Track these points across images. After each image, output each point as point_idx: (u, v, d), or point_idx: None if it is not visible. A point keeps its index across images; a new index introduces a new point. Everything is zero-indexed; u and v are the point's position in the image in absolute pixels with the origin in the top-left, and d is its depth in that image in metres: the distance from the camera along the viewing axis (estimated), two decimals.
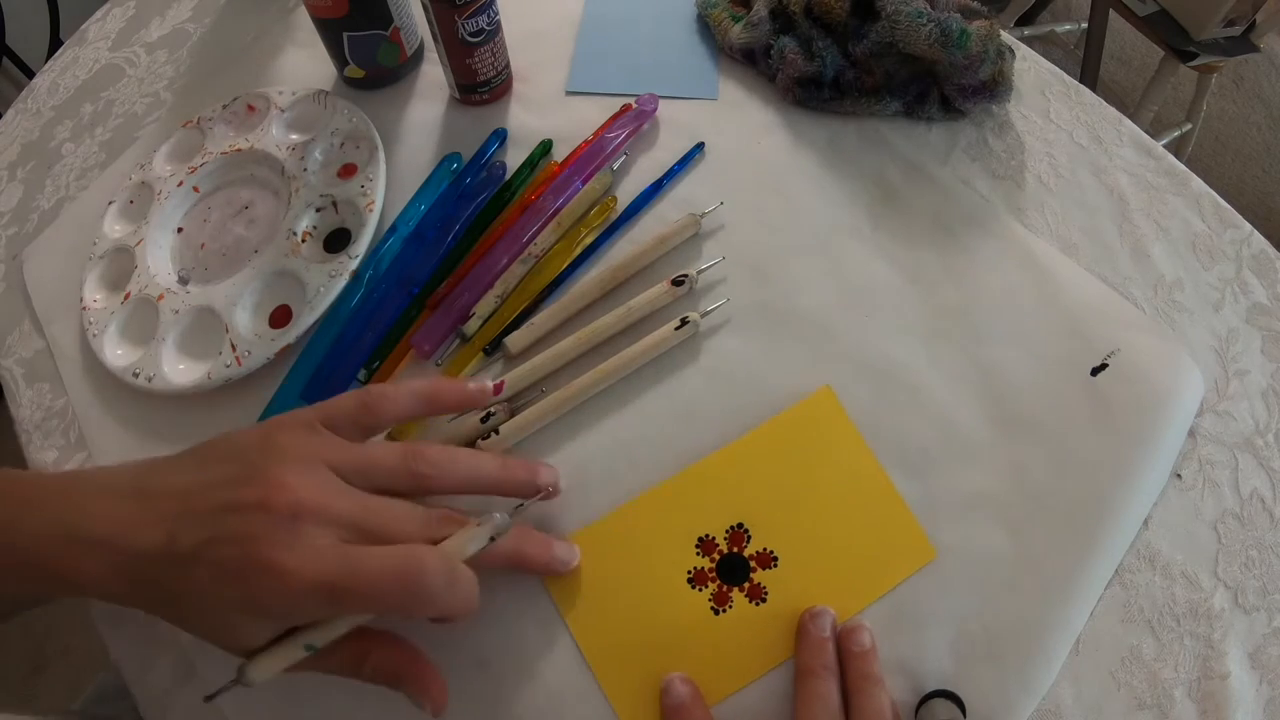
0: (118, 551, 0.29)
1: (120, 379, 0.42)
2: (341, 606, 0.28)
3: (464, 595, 0.30)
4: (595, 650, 0.36)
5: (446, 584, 0.29)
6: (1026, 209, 0.47)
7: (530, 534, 0.36)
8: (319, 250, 0.46)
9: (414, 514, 0.31)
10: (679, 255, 0.45)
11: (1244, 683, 0.36)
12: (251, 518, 0.28)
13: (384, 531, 0.29)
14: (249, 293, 0.44)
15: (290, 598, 0.27)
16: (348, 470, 0.31)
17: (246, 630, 0.28)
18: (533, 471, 0.36)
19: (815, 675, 0.34)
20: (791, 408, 0.40)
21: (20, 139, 0.55)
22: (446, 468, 0.33)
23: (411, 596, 0.28)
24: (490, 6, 0.45)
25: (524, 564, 0.35)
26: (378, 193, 0.46)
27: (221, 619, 0.28)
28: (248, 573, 0.27)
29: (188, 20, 0.59)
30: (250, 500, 0.28)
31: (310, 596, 0.27)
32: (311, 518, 0.28)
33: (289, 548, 0.27)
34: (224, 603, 0.27)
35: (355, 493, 0.30)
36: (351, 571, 0.27)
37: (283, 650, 0.29)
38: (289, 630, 0.29)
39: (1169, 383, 0.41)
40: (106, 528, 0.29)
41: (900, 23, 0.45)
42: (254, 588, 0.27)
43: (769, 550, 0.38)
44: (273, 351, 0.42)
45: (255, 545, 0.27)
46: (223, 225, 0.48)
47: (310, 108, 0.50)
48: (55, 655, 1.06)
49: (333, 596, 0.27)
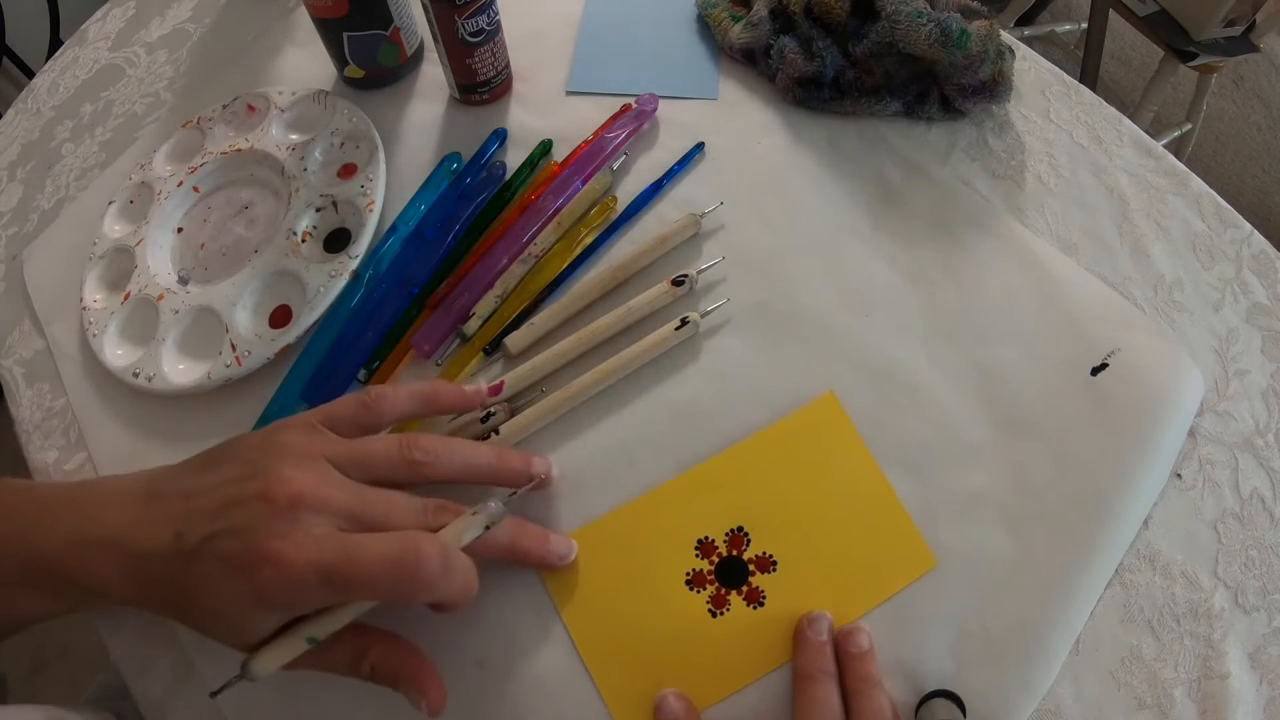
0: (127, 553, 0.29)
1: (120, 379, 0.42)
2: (341, 593, 0.29)
3: (462, 581, 0.30)
4: (592, 651, 0.36)
5: (443, 569, 0.29)
6: (1026, 209, 0.47)
7: (527, 527, 0.36)
8: (319, 250, 0.46)
9: (411, 504, 0.32)
10: (679, 255, 0.45)
11: (1244, 683, 0.36)
12: (253, 510, 0.28)
13: (381, 520, 0.30)
14: (249, 293, 0.44)
15: (290, 586, 0.27)
16: (346, 463, 0.31)
17: (251, 623, 0.29)
18: (527, 461, 0.36)
19: (814, 679, 0.34)
20: (796, 412, 0.40)
21: (20, 139, 0.55)
22: (442, 455, 0.33)
23: (409, 582, 0.28)
24: (490, 6, 0.45)
25: (521, 556, 0.35)
26: (378, 193, 0.46)
27: (227, 612, 0.28)
28: (249, 563, 0.27)
29: (188, 20, 0.59)
30: (251, 493, 0.29)
31: (310, 583, 0.27)
32: (310, 508, 0.29)
33: (288, 536, 0.28)
34: (228, 595, 0.28)
35: (353, 484, 0.31)
36: (349, 558, 0.28)
37: (285, 643, 0.29)
38: (291, 624, 0.30)
39: (1169, 383, 0.41)
40: (116, 530, 0.30)
41: (900, 23, 0.45)
42: (256, 578, 0.27)
43: (768, 554, 0.38)
44: (273, 351, 0.42)
45: (256, 536, 0.28)
46: (223, 225, 0.48)
47: (310, 108, 0.50)
48: (55, 655, 1.06)
49: (332, 582, 0.28)
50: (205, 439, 0.42)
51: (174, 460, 0.33)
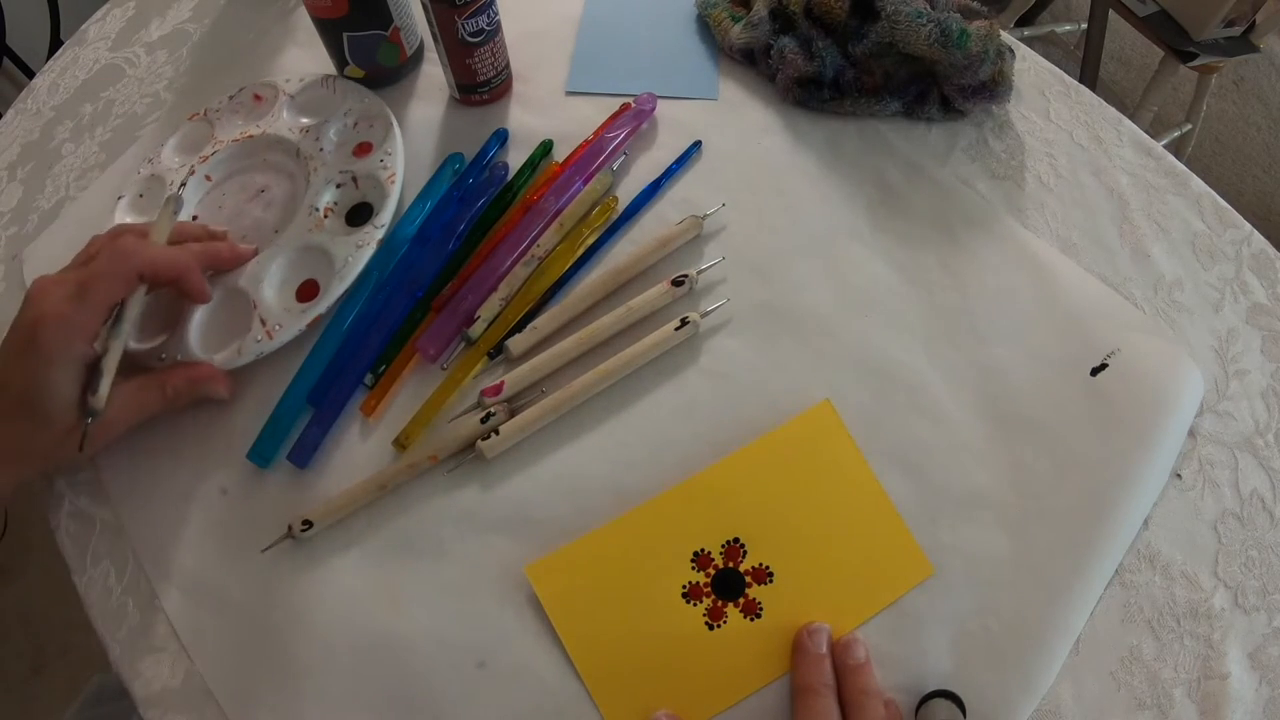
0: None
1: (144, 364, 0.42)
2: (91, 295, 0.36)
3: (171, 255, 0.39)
4: (589, 666, 0.36)
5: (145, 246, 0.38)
6: (1026, 209, 0.47)
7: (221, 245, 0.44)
8: (341, 225, 0.46)
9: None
10: (679, 255, 0.45)
11: (1244, 683, 0.36)
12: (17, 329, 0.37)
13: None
14: (275, 269, 0.44)
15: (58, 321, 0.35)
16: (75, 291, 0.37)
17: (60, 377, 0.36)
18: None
19: (815, 693, 0.34)
20: (791, 421, 0.40)
21: (20, 139, 0.55)
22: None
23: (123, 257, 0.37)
24: (490, 6, 0.45)
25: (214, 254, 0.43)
26: (398, 165, 0.46)
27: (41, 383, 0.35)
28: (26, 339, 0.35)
29: (188, 20, 0.59)
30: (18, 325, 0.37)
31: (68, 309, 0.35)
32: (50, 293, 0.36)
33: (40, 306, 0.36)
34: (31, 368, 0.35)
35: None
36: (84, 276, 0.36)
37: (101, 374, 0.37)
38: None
39: (1169, 383, 0.41)
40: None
41: (900, 23, 0.45)
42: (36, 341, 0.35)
43: (765, 566, 0.37)
44: (304, 323, 0.42)
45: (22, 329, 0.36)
46: (239, 209, 0.48)
47: (319, 92, 0.50)
48: (55, 655, 1.06)
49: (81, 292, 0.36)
50: (208, 425, 0.42)
51: (175, 459, 0.33)
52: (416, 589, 0.38)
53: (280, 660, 0.37)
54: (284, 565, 0.38)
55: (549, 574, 0.37)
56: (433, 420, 0.41)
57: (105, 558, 0.40)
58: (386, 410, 0.42)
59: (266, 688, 0.36)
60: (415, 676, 0.36)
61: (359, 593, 0.38)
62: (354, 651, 0.36)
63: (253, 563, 0.38)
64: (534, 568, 0.37)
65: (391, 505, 0.40)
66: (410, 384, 0.42)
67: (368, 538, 0.39)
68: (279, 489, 0.40)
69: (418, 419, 0.41)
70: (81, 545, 0.40)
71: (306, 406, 0.42)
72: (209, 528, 0.40)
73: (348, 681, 0.36)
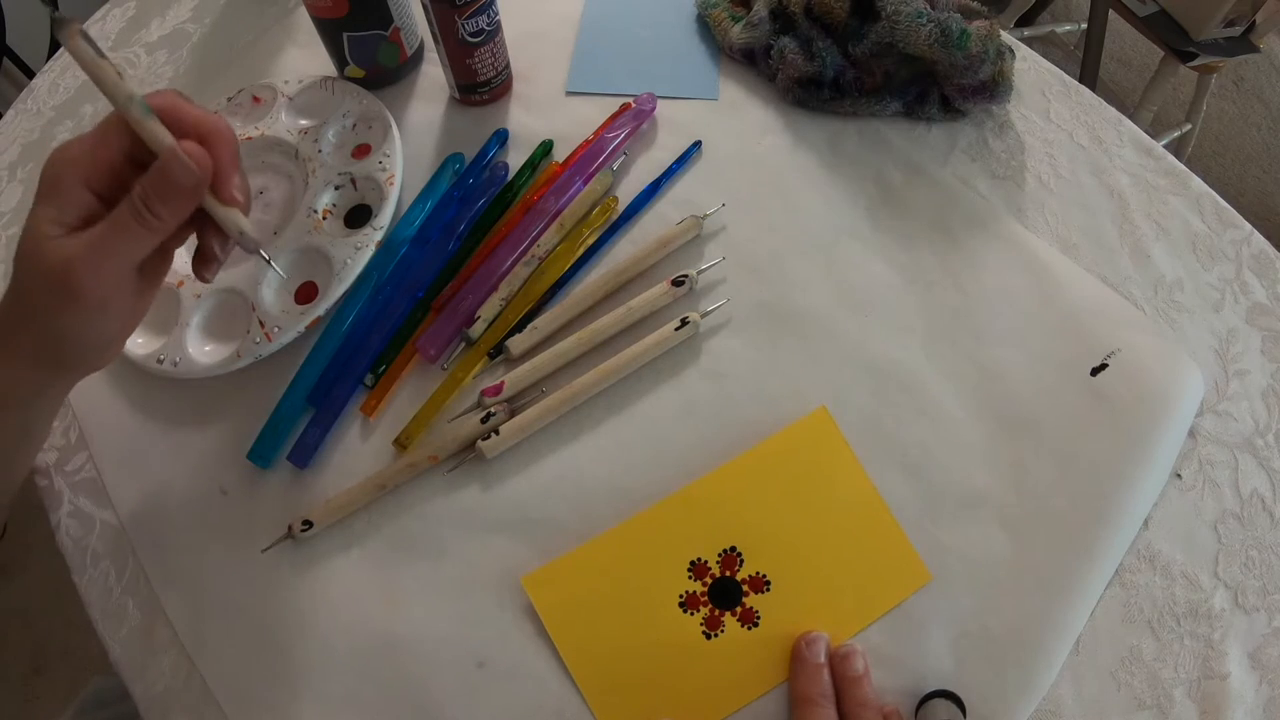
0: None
1: (143, 367, 0.42)
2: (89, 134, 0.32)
3: (154, 130, 0.32)
4: (586, 676, 0.36)
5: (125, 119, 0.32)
6: (1026, 209, 0.47)
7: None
8: (340, 226, 0.46)
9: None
10: (679, 255, 0.45)
11: (1244, 683, 0.36)
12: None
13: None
14: (273, 272, 0.44)
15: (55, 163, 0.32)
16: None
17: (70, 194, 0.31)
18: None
19: (814, 703, 0.33)
20: (787, 428, 0.40)
21: (20, 139, 0.55)
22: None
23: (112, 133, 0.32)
24: (490, 6, 0.45)
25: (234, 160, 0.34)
26: (397, 166, 0.46)
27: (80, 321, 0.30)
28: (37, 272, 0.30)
29: (188, 20, 0.59)
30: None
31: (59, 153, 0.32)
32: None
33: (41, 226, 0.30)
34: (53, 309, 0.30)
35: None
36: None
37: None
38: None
39: (1169, 383, 0.41)
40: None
41: (900, 23, 0.45)
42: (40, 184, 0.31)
43: (762, 574, 0.37)
44: (303, 325, 0.42)
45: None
46: None
47: (318, 94, 0.50)
48: (55, 655, 1.06)
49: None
50: (208, 425, 0.42)
51: (175, 459, 0.32)
52: (416, 589, 0.38)
53: (280, 660, 0.37)
54: (284, 565, 0.38)
55: (545, 584, 0.37)
56: (433, 420, 0.41)
57: (105, 558, 0.40)
58: (386, 410, 0.42)
59: (266, 687, 0.36)
60: (415, 676, 0.36)
61: (359, 593, 0.38)
62: (354, 651, 0.37)
63: (253, 563, 0.38)
64: (530, 578, 0.37)
65: (391, 505, 0.40)
66: (410, 384, 0.43)
67: (368, 538, 0.39)
68: (279, 489, 0.40)
69: (418, 419, 0.41)
70: (81, 545, 0.40)
71: (306, 407, 0.42)
72: (209, 528, 0.40)
73: (348, 681, 0.36)
